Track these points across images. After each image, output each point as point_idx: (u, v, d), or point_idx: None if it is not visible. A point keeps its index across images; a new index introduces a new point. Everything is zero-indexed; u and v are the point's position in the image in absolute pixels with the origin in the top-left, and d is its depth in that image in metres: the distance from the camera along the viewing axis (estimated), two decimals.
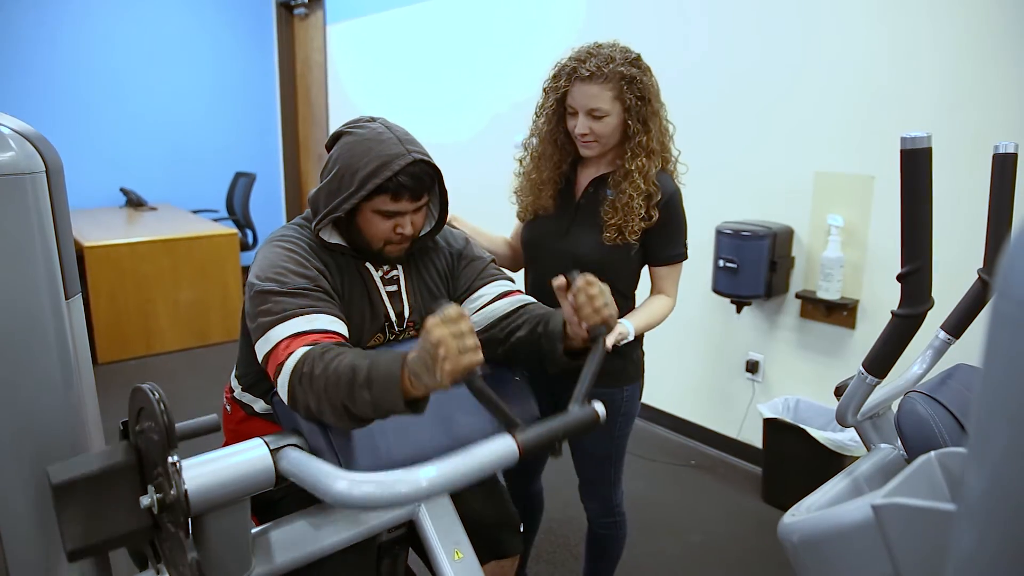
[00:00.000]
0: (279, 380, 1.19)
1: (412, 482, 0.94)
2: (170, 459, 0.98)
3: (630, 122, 1.60)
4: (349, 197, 1.28)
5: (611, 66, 1.56)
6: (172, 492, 0.98)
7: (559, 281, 1.24)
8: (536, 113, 1.75)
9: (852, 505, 1.03)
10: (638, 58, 1.62)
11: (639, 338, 1.79)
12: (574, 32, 3.52)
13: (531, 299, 1.47)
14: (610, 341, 1.54)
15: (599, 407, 1.12)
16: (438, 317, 1.01)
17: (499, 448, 1.02)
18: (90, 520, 1.03)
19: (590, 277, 1.23)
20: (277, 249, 1.32)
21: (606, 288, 1.24)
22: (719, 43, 2.99)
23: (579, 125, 1.60)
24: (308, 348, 1.18)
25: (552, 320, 1.33)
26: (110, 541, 1.04)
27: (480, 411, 1.41)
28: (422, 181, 1.30)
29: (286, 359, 1.18)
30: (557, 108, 1.66)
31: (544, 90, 1.70)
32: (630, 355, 1.75)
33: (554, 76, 1.65)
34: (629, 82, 1.57)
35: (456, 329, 1.00)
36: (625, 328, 1.62)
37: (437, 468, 0.97)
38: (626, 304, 1.76)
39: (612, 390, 1.74)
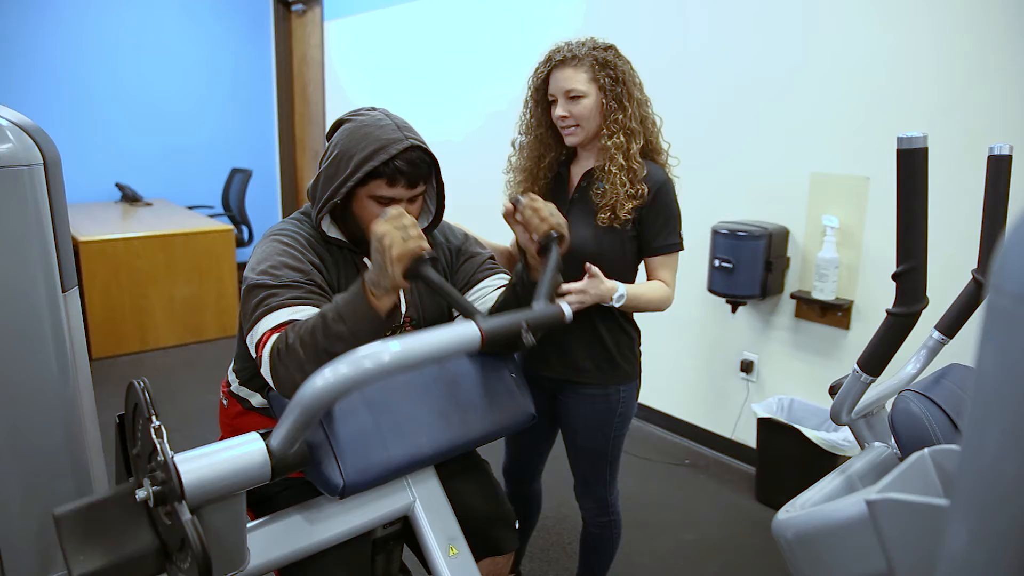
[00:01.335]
0: (263, 369, 1.21)
1: (376, 356, 0.95)
2: (154, 424, 0.98)
3: (604, 100, 1.65)
4: (345, 181, 1.29)
5: (584, 49, 1.65)
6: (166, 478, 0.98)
7: (507, 208, 1.36)
8: (523, 112, 1.80)
9: (846, 501, 1.03)
10: (612, 46, 1.69)
11: (636, 337, 1.79)
12: (572, 30, 3.49)
13: None
14: (595, 288, 1.54)
15: (565, 306, 1.16)
16: (381, 219, 1.11)
17: (463, 332, 1.03)
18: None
19: (533, 195, 1.35)
20: (274, 243, 1.32)
21: (552, 205, 1.35)
22: (716, 44, 3.00)
23: (558, 108, 1.67)
24: (280, 333, 1.21)
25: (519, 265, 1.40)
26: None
27: (477, 408, 1.41)
28: (418, 168, 1.31)
29: (264, 346, 1.20)
30: (537, 98, 1.72)
31: (528, 87, 1.76)
32: (624, 354, 1.76)
33: (536, 70, 1.73)
34: (603, 65, 1.64)
35: (399, 223, 1.09)
36: (614, 284, 1.59)
37: (401, 344, 0.97)
38: None
39: (608, 389, 1.75)
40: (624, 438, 1.84)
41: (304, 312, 1.23)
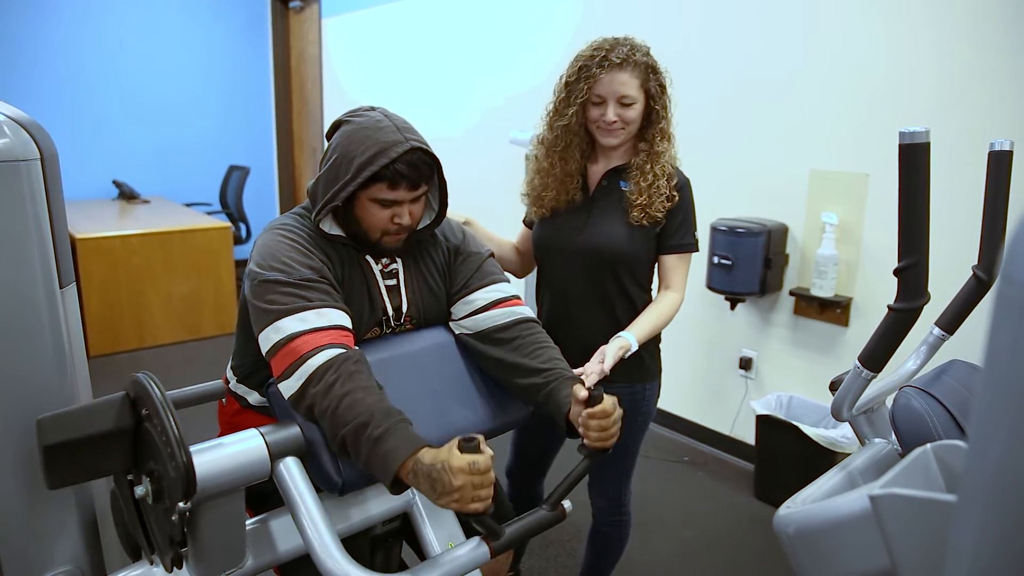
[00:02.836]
0: (293, 373, 1.17)
1: None
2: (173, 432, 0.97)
3: (656, 108, 1.66)
4: (346, 185, 1.27)
5: (637, 55, 1.63)
6: (173, 469, 0.97)
7: (582, 393, 1.27)
8: (555, 108, 1.72)
9: (849, 496, 1.03)
10: (650, 51, 1.68)
11: (659, 333, 1.78)
12: (570, 27, 3.51)
13: (526, 313, 1.44)
14: (612, 357, 1.56)
15: (567, 504, 1.25)
16: (467, 463, 1.05)
17: (472, 554, 1.14)
18: (75, 466, 1.04)
19: (608, 405, 1.25)
20: (279, 237, 1.29)
21: (619, 414, 1.28)
22: (716, 40, 2.99)
23: (608, 112, 1.63)
24: (335, 353, 1.17)
25: (556, 395, 1.34)
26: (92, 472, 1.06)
27: (476, 405, 1.41)
28: (419, 170, 1.30)
29: (307, 357, 1.16)
30: (583, 97, 1.65)
31: (566, 83, 1.68)
32: (650, 351, 1.75)
33: (581, 67, 1.65)
34: (653, 71, 1.64)
35: (478, 480, 1.06)
36: (627, 342, 1.61)
37: None
38: (643, 297, 1.75)
39: (633, 388, 1.74)
40: (643, 439, 1.83)
41: (329, 316, 1.21)
